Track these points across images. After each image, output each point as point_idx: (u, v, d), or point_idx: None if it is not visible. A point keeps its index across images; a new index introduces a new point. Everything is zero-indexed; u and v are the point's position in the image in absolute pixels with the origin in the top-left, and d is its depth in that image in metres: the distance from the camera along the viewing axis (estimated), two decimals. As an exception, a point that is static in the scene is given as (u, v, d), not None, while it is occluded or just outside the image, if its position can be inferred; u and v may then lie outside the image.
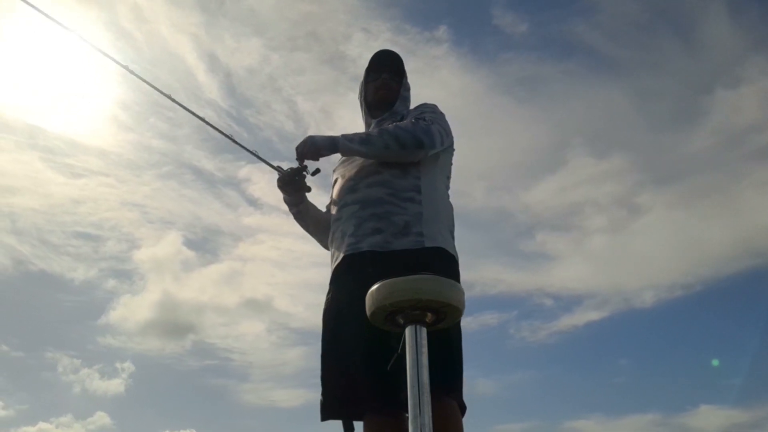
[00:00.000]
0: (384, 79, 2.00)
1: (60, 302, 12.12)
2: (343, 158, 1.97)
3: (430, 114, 1.88)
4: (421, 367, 1.07)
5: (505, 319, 12.48)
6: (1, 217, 10.62)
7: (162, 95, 2.00)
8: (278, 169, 1.95)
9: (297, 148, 1.83)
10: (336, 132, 1.84)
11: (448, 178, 1.94)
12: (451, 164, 1.96)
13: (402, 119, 1.91)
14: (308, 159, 1.84)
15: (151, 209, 11.48)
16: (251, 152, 1.99)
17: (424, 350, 1.08)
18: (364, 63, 2.07)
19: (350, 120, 1.95)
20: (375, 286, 1.11)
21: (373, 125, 1.99)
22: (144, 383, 11.44)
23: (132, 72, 1.99)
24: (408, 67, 2.04)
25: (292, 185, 1.94)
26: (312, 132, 1.84)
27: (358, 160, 1.86)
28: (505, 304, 12.62)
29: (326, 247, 1.97)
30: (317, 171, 1.92)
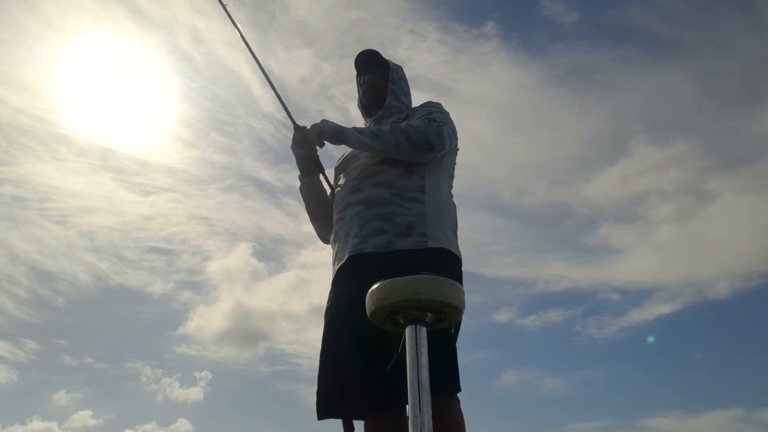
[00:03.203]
0: (367, 80, 2.01)
1: (138, 315, 12.85)
2: (346, 156, 1.97)
3: (439, 114, 1.85)
4: (421, 367, 1.07)
5: (570, 315, 12.13)
6: (80, 236, 11.46)
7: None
8: (296, 127, 1.95)
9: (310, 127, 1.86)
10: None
11: (452, 177, 1.93)
12: (455, 164, 1.95)
13: (406, 116, 1.90)
14: (311, 140, 1.86)
15: (216, 221, 12.04)
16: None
17: (424, 350, 1.09)
18: (414, 65, 2.11)
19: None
20: (375, 286, 1.12)
21: (371, 125, 1.98)
22: (221, 390, 11.95)
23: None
24: (457, 65, 2.05)
25: (300, 145, 1.91)
26: None
27: (361, 160, 1.85)
28: (569, 300, 12.28)
29: (323, 238, 2.01)
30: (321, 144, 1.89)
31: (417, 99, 2.03)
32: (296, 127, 1.95)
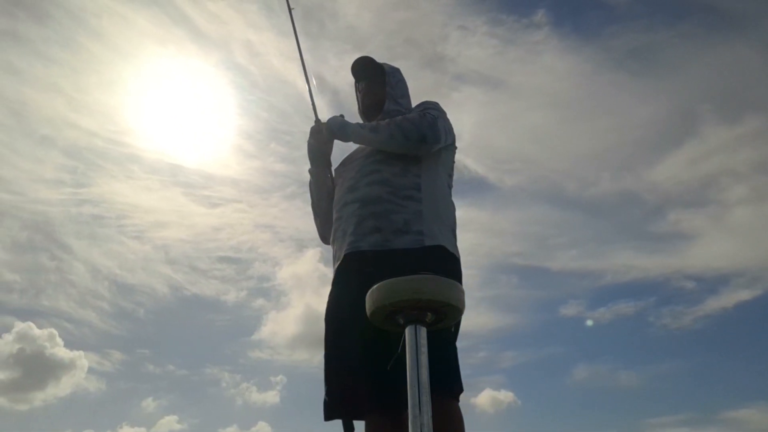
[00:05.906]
0: (364, 87, 2.03)
1: (214, 322, 13.26)
2: (345, 159, 2.00)
3: (434, 111, 1.87)
4: (421, 367, 1.07)
5: (642, 306, 11.60)
6: (156, 250, 12.07)
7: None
8: (317, 121, 2.03)
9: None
10: None
11: (450, 176, 1.92)
12: (453, 162, 1.95)
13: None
14: (323, 135, 1.94)
15: (280, 229, 12.41)
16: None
17: (424, 350, 1.08)
18: (465, 60, 2.08)
19: (454, 120, 1.97)
20: (375, 286, 1.12)
21: None
22: (296, 393, 12.14)
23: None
24: (509, 57, 1.99)
25: (315, 137, 1.98)
26: None
27: (358, 160, 1.87)
28: (640, 290, 11.74)
29: (322, 236, 2.02)
30: None
31: (470, 94, 2.02)
32: (317, 121, 2.02)
